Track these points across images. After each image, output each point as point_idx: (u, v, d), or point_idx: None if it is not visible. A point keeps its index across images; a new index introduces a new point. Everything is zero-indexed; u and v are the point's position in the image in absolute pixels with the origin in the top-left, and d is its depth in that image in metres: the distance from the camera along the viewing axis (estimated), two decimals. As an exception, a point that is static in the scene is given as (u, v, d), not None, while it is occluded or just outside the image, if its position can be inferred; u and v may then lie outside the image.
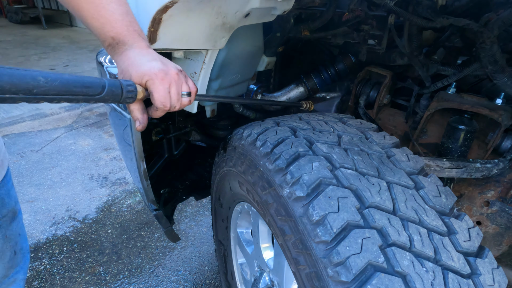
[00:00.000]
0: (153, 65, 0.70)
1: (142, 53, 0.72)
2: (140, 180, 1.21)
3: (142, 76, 0.69)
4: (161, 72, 0.70)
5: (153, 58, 0.72)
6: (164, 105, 0.72)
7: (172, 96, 0.73)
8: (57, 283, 1.85)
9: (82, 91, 0.59)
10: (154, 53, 0.74)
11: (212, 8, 0.88)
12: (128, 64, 0.71)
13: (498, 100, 1.00)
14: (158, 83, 0.70)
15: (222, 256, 1.47)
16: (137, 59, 0.71)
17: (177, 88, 0.73)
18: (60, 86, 0.55)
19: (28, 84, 0.51)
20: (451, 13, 0.98)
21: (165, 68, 0.71)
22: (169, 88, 0.71)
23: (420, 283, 0.57)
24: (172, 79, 0.72)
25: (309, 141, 0.82)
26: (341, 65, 1.36)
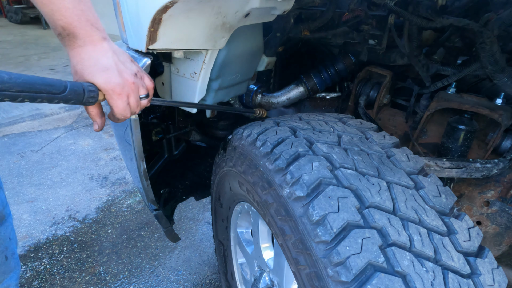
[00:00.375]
0: (108, 78, 0.68)
1: (96, 54, 0.69)
2: (140, 180, 1.21)
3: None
4: (118, 87, 0.69)
5: (108, 64, 0.69)
6: (125, 116, 0.73)
7: (131, 105, 0.73)
8: (57, 283, 1.85)
9: (45, 89, 0.60)
10: (109, 51, 0.71)
11: (212, 8, 0.88)
12: (82, 69, 0.69)
13: (498, 100, 1.00)
14: (116, 98, 0.69)
15: (222, 256, 1.47)
16: (91, 64, 0.68)
17: (135, 96, 0.73)
18: (23, 83, 0.57)
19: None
20: (451, 13, 0.99)
21: (121, 82, 0.69)
22: (127, 99, 0.71)
23: (420, 283, 0.57)
24: (130, 90, 0.71)
25: (309, 141, 0.82)
26: (341, 65, 1.36)
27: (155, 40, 0.87)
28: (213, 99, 1.19)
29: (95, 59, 0.69)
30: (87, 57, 0.69)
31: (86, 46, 0.69)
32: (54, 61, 6.09)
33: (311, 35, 1.27)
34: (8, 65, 5.64)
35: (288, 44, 1.43)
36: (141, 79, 0.77)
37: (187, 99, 1.14)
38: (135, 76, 0.74)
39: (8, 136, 3.44)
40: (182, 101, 1.06)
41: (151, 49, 0.89)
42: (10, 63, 5.83)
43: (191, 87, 1.10)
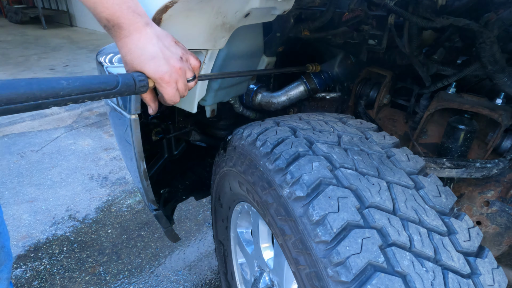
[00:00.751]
0: (157, 67, 0.70)
1: (142, 43, 0.71)
2: (140, 180, 1.21)
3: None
4: (166, 75, 0.71)
5: (154, 51, 0.71)
6: (175, 102, 0.76)
7: (180, 91, 0.76)
8: (57, 283, 1.85)
9: (100, 87, 0.64)
10: (154, 38, 0.72)
11: (212, 8, 0.88)
12: (131, 59, 0.71)
13: (498, 100, 1.00)
14: (165, 86, 0.72)
15: (222, 256, 1.47)
16: (139, 54, 0.70)
17: (183, 81, 0.76)
18: (81, 86, 0.61)
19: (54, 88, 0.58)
20: (451, 13, 0.98)
21: (168, 69, 0.72)
22: (176, 85, 0.74)
23: (420, 283, 0.57)
24: (177, 76, 0.74)
25: (309, 141, 0.82)
26: (341, 65, 1.36)
27: (155, 40, 0.86)
28: (213, 99, 1.19)
29: (142, 48, 0.71)
30: (134, 47, 0.71)
31: (131, 36, 0.70)
32: (54, 61, 6.09)
33: (311, 35, 1.27)
34: (8, 65, 5.64)
35: (288, 44, 1.43)
36: (187, 61, 0.78)
37: (187, 99, 1.14)
38: (180, 60, 0.75)
39: (8, 136, 3.44)
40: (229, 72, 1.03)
41: (151, 49, 0.89)
42: (10, 63, 5.83)
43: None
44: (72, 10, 9.92)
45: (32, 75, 5.16)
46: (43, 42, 7.69)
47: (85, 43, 7.62)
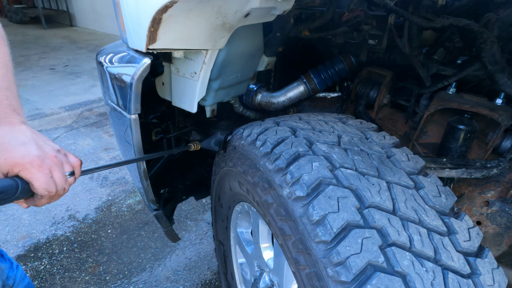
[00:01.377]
0: (26, 151, 0.63)
1: (12, 132, 0.65)
2: (140, 180, 1.21)
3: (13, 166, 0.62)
4: (37, 159, 0.63)
5: (26, 139, 0.65)
6: (49, 191, 0.66)
7: (57, 180, 0.67)
8: (57, 283, 1.85)
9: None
10: (28, 131, 0.68)
11: (212, 8, 0.88)
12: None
13: (498, 100, 1.00)
14: (36, 172, 0.63)
15: (222, 256, 1.47)
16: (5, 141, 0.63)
17: (59, 171, 0.68)
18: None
19: None
20: (451, 13, 0.99)
21: (40, 154, 0.65)
22: (50, 173, 0.66)
23: (420, 283, 0.57)
24: (52, 164, 0.66)
25: (309, 141, 0.82)
26: (341, 65, 1.36)
27: (155, 40, 0.87)
28: (213, 99, 1.19)
29: (11, 136, 0.65)
30: (2, 134, 0.64)
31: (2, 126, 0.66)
32: (54, 61, 6.09)
33: (311, 35, 1.27)
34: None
35: (288, 44, 1.43)
36: (65, 156, 0.73)
37: (187, 98, 1.14)
38: (57, 151, 0.70)
39: (8, 136, 3.43)
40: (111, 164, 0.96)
41: (151, 49, 0.89)
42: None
43: (191, 87, 1.10)
44: (72, 10, 9.92)
45: (32, 75, 5.16)
46: (43, 42, 7.69)
47: (85, 43, 7.62)
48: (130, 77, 0.97)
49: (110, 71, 1.11)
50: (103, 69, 1.17)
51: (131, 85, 0.97)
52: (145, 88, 1.02)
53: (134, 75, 0.96)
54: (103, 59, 1.19)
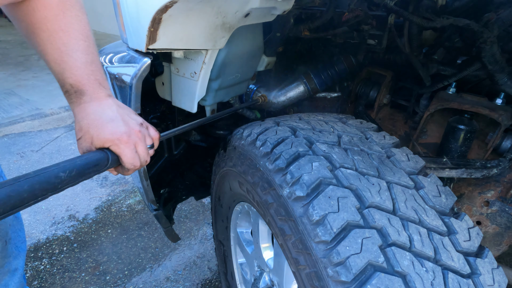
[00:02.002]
0: (115, 128, 0.69)
1: (101, 108, 0.71)
2: (140, 180, 1.21)
3: (104, 142, 0.68)
4: (124, 135, 0.69)
5: (114, 116, 0.71)
6: (135, 165, 0.72)
7: (140, 154, 0.73)
8: (57, 283, 1.85)
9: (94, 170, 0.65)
10: (113, 105, 0.73)
11: (212, 8, 0.88)
12: (87, 123, 0.69)
13: (498, 100, 1.00)
14: (124, 147, 0.69)
15: (222, 256, 1.47)
16: (96, 117, 0.69)
17: (143, 145, 0.73)
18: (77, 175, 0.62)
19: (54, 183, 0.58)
20: (451, 13, 0.99)
21: (127, 130, 0.70)
22: (135, 148, 0.71)
23: (420, 283, 0.57)
24: (136, 138, 0.71)
25: (309, 141, 0.82)
26: (341, 65, 1.35)
27: (155, 40, 0.87)
28: (213, 99, 1.19)
29: (100, 112, 0.70)
30: (92, 111, 0.70)
31: (92, 102, 0.71)
32: (54, 61, 6.08)
33: (311, 35, 1.27)
34: (8, 65, 5.64)
35: (288, 44, 1.43)
36: (147, 129, 0.77)
37: (187, 99, 1.14)
38: (141, 125, 0.75)
39: (8, 136, 3.43)
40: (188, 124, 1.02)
41: (151, 49, 0.89)
42: (10, 63, 5.83)
43: (191, 87, 1.10)
44: (72, 10, 9.91)
45: (32, 75, 5.16)
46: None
47: (85, 43, 7.60)
48: (130, 77, 0.97)
49: (110, 71, 1.11)
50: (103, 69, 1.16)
51: (131, 85, 0.97)
52: (145, 88, 1.02)
53: (134, 75, 0.96)
54: (103, 59, 1.19)
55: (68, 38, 0.69)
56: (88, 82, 0.71)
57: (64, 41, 0.69)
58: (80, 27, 0.71)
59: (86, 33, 0.72)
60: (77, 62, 0.69)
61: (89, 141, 0.69)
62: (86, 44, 0.72)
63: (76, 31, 0.70)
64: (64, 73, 0.69)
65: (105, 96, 0.73)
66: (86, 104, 0.71)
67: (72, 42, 0.70)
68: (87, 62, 0.71)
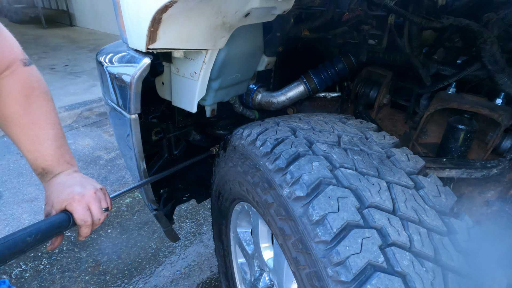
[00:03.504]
0: (71, 191, 0.78)
1: (65, 179, 0.82)
2: (140, 180, 1.21)
3: (61, 203, 0.78)
4: (78, 196, 0.78)
5: (74, 182, 0.81)
6: (85, 221, 0.79)
7: (93, 213, 0.80)
8: (57, 283, 1.85)
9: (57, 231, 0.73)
10: (77, 176, 0.83)
11: (212, 8, 0.88)
12: (51, 192, 0.80)
13: (498, 100, 1.00)
14: (76, 205, 0.78)
15: (222, 255, 1.47)
16: (59, 186, 0.80)
17: (97, 205, 0.81)
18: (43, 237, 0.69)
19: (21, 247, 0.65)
20: (451, 13, 0.99)
21: (81, 191, 0.79)
22: (87, 206, 0.79)
23: (420, 283, 0.57)
24: (90, 198, 0.80)
25: (309, 141, 0.82)
26: (341, 65, 1.35)
27: (155, 39, 0.87)
28: (213, 99, 1.19)
29: (64, 182, 0.81)
30: (57, 182, 0.81)
31: (59, 176, 0.83)
32: (54, 61, 6.09)
33: (311, 35, 1.27)
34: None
35: (288, 44, 1.43)
36: (104, 194, 0.86)
37: (187, 98, 1.14)
38: (98, 189, 0.84)
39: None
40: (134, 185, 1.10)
41: (151, 49, 0.89)
42: (10, 62, 5.83)
43: (191, 87, 1.10)
44: (72, 9, 9.92)
45: (32, 75, 5.15)
46: (43, 41, 7.68)
47: (85, 43, 7.62)
48: (130, 77, 0.97)
49: (110, 71, 1.11)
50: (103, 69, 1.17)
51: (131, 85, 0.97)
52: (145, 88, 1.02)
53: (134, 75, 0.96)
54: (103, 59, 1.19)
55: (39, 130, 0.81)
56: (58, 164, 0.83)
57: (36, 133, 0.80)
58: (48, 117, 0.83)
59: (53, 121, 0.84)
60: (48, 150, 0.81)
61: (51, 205, 0.79)
62: (54, 131, 0.83)
63: (44, 122, 0.82)
64: (37, 160, 0.81)
65: (72, 172, 0.85)
66: (54, 179, 0.82)
67: (43, 132, 0.81)
68: (57, 148, 0.83)
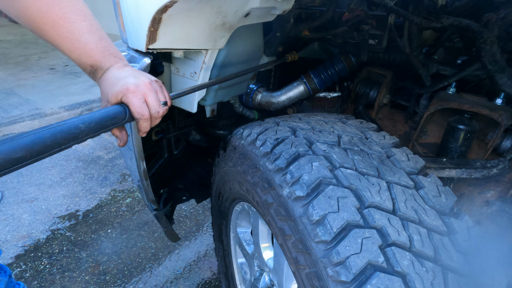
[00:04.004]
0: (125, 82, 0.73)
1: (118, 72, 0.76)
2: (140, 180, 1.21)
3: (116, 95, 0.72)
4: (132, 86, 0.72)
5: (127, 74, 0.75)
6: (142, 115, 0.73)
7: (150, 104, 0.74)
8: (57, 283, 1.85)
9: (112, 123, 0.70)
10: (129, 69, 0.77)
11: (212, 8, 0.88)
12: (105, 86, 0.75)
13: (498, 100, 1.00)
14: (131, 96, 0.72)
15: (222, 255, 1.47)
16: (112, 79, 0.75)
17: (153, 96, 0.75)
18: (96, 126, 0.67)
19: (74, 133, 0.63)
20: (451, 13, 0.99)
21: (135, 81, 0.73)
22: (143, 98, 0.74)
23: (420, 283, 0.57)
24: (145, 89, 0.74)
25: (309, 141, 0.82)
26: (341, 65, 1.35)
27: (155, 39, 0.87)
28: (213, 99, 1.19)
29: (116, 75, 0.75)
30: (110, 76, 0.76)
31: (110, 70, 0.77)
32: (54, 61, 6.08)
33: (311, 35, 1.27)
34: (8, 65, 5.64)
35: (288, 44, 1.43)
36: (160, 87, 0.79)
37: (187, 99, 1.14)
38: (153, 81, 0.77)
39: (8, 135, 3.43)
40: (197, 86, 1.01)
41: (151, 49, 0.89)
42: (10, 62, 5.83)
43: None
44: (72, 9, 9.91)
45: (32, 75, 5.16)
46: (43, 41, 7.63)
47: (85, 43, 7.60)
48: (130, 77, 0.97)
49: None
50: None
51: (131, 85, 0.97)
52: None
53: (134, 75, 0.96)
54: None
55: (70, 24, 0.72)
56: (105, 59, 0.76)
57: (68, 28, 0.72)
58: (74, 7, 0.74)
59: (83, 11, 0.75)
60: (89, 44, 0.74)
61: (106, 99, 0.74)
62: (87, 23, 0.75)
63: (73, 13, 0.73)
64: (81, 58, 0.75)
65: (122, 65, 0.78)
66: (105, 74, 0.77)
67: (76, 26, 0.73)
68: (96, 41, 0.75)
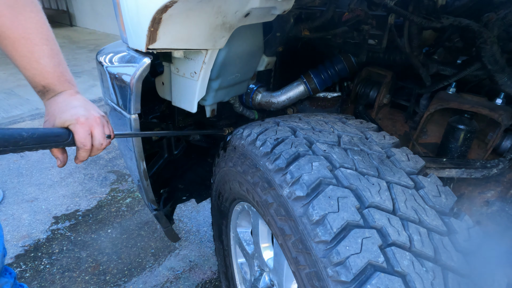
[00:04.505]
0: (76, 112, 0.76)
1: (69, 99, 0.79)
2: (140, 180, 1.21)
3: (64, 122, 0.75)
4: (82, 118, 0.76)
5: (78, 104, 0.78)
6: (84, 145, 0.77)
7: (95, 137, 0.78)
8: (57, 283, 1.85)
9: (54, 140, 0.73)
10: (81, 98, 0.81)
11: (212, 8, 0.88)
12: (54, 109, 0.78)
13: (498, 100, 1.00)
14: (79, 127, 0.75)
15: (222, 255, 1.47)
16: (63, 104, 0.77)
17: (100, 129, 0.79)
18: (38, 139, 0.69)
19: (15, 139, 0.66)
20: (451, 12, 0.99)
21: (86, 114, 0.77)
22: (89, 130, 0.77)
23: (420, 283, 0.57)
24: (94, 123, 0.78)
25: (309, 141, 0.82)
26: (341, 65, 1.35)
27: (155, 39, 0.87)
28: (213, 99, 1.19)
29: (68, 102, 0.78)
30: (60, 100, 0.79)
31: (62, 95, 0.80)
32: (54, 61, 6.08)
33: (311, 35, 1.27)
34: (8, 65, 5.64)
35: (288, 44, 1.43)
36: (107, 121, 0.84)
37: (187, 99, 1.14)
38: (101, 115, 0.81)
39: (8, 135, 3.43)
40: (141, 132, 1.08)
41: (151, 49, 0.89)
42: (10, 62, 5.82)
43: (191, 87, 1.10)
44: (72, 9, 9.92)
45: (32, 75, 5.15)
46: (43, 41, 7.66)
47: (85, 43, 7.62)
48: (130, 77, 0.97)
49: (110, 71, 1.11)
50: (103, 69, 1.17)
51: (131, 85, 0.97)
52: (145, 88, 1.02)
53: (134, 75, 0.96)
54: (103, 59, 1.19)
55: (32, 45, 0.75)
56: (59, 82, 0.79)
57: (29, 49, 0.75)
58: (39, 30, 0.76)
59: (46, 35, 0.77)
60: (46, 67, 0.77)
61: (52, 122, 0.77)
62: (49, 47, 0.77)
63: (36, 36, 0.75)
64: (35, 77, 0.77)
65: (74, 92, 0.82)
66: (56, 97, 0.79)
67: (36, 49, 0.75)
68: (55, 66, 0.78)
